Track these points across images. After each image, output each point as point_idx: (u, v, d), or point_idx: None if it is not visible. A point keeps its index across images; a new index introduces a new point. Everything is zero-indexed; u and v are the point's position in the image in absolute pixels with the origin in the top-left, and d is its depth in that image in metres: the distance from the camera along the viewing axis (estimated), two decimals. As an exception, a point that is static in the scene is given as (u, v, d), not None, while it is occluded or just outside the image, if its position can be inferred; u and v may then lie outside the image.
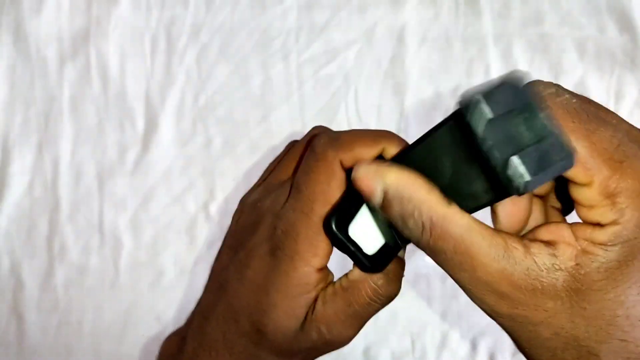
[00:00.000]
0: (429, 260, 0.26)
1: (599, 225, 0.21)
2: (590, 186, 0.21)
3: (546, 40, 0.55)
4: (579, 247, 0.21)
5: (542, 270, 0.21)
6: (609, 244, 0.21)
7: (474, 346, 0.54)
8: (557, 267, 0.21)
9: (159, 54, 0.58)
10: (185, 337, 0.36)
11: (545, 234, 0.22)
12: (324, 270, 0.29)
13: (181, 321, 0.55)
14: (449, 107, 0.56)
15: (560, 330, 0.21)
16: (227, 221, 0.57)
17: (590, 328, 0.21)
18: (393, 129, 0.56)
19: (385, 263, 0.28)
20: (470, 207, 0.23)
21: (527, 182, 0.19)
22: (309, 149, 0.29)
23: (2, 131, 0.58)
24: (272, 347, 0.29)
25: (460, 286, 0.23)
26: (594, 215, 0.22)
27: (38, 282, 0.56)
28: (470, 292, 0.23)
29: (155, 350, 0.44)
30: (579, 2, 0.55)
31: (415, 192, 0.22)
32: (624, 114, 0.55)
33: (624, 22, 0.54)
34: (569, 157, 0.20)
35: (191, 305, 0.57)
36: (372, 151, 0.28)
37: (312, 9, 0.57)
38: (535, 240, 0.22)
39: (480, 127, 0.19)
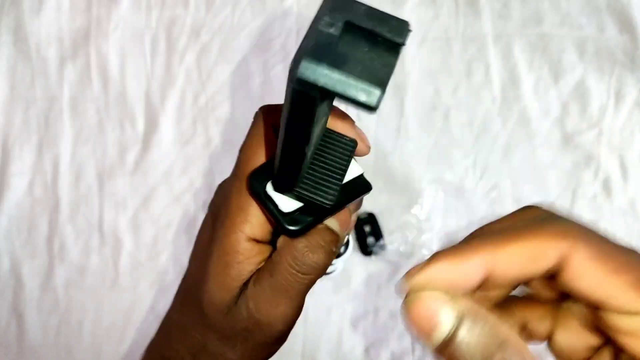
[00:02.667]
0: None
1: None
2: None
3: (546, 40, 0.55)
4: None
5: None
6: None
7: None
8: None
9: (159, 54, 0.58)
10: None
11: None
12: (261, 244, 0.27)
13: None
14: (449, 107, 0.56)
15: None
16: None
17: None
18: (393, 129, 0.56)
19: (306, 227, 0.26)
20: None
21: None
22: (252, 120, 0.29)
23: (2, 131, 0.58)
24: (212, 327, 0.28)
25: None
26: None
27: (38, 282, 0.56)
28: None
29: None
30: (579, 2, 0.55)
31: (498, 324, 0.19)
32: (624, 114, 0.55)
33: (624, 22, 0.54)
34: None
35: (191, 305, 0.57)
36: None
37: (312, 9, 0.57)
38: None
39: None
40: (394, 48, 0.18)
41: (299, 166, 0.23)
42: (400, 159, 0.56)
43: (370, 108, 0.18)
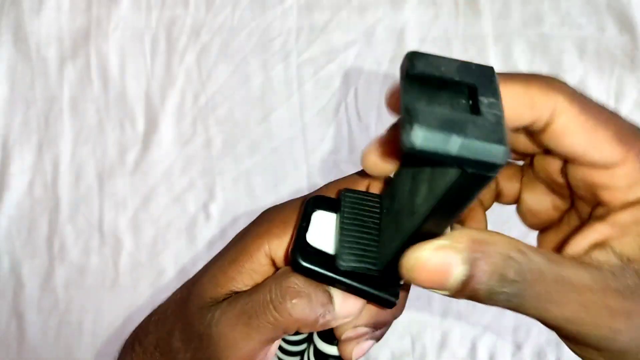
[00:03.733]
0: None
1: None
2: (626, 163, 0.20)
3: (546, 40, 0.55)
4: (635, 232, 0.20)
5: (618, 271, 0.20)
6: None
7: (474, 346, 0.54)
8: (625, 260, 0.20)
9: (159, 54, 0.58)
10: None
11: (585, 241, 0.21)
12: (272, 268, 0.26)
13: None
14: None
15: None
16: (227, 221, 0.57)
17: None
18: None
19: (316, 273, 0.23)
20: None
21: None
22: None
23: (2, 131, 0.58)
24: (184, 317, 0.26)
25: (572, 323, 0.20)
26: (635, 193, 0.20)
27: (38, 282, 0.56)
28: (584, 323, 0.20)
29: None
30: (579, 2, 0.55)
31: (497, 242, 0.19)
32: (624, 113, 0.55)
33: (624, 22, 0.54)
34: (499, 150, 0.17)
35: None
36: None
37: (312, 9, 0.57)
38: (586, 250, 0.21)
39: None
40: (496, 113, 0.17)
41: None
42: (400, 159, 0.56)
43: (497, 167, 0.17)
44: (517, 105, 0.20)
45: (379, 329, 0.26)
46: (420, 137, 0.16)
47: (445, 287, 0.19)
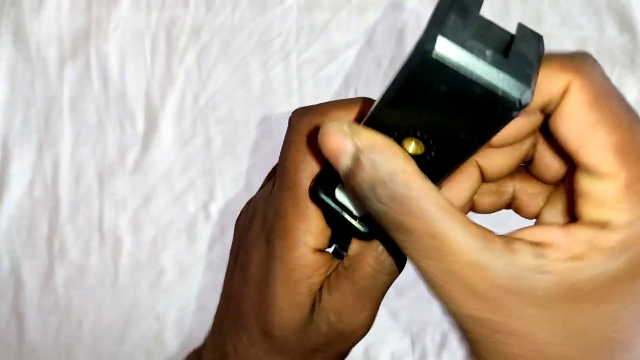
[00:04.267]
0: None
1: (605, 227, 0.18)
2: (614, 179, 0.18)
3: (546, 40, 0.55)
4: (575, 251, 0.18)
5: (523, 271, 0.18)
6: (616, 250, 0.17)
7: (474, 346, 0.54)
8: (543, 269, 0.18)
9: (159, 54, 0.58)
10: (200, 355, 0.34)
11: (531, 234, 0.19)
12: (324, 253, 0.26)
13: (181, 321, 0.55)
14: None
15: (535, 347, 0.18)
16: (227, 221, 0.57)
17: (572, 347, 0.18)
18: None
19: (380, 228, 0.24)
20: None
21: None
22: (287, 126, 0.27)
23: (2, 131, 0.58)
24: (283, 350, 0.27)
25: (424, 276, 0.19)
26: (604, 214, 0.18)
27: (38, 282, 0.56)
28: (435, 285, 0.19)
29: (155, 350, 0.44)
30: (579, 2, 0.55)
31: (391, 158, 0.19)
32: (623, 114, 0.55)
33: (624, 22, 0.54)
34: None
35: (191, 305, 0.57)
36: (349, 114, 0.24)
37: (312, 9, 0.57)
38: (519, 238, 0.19)
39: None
40: (530, 61, 0.17)
41: None
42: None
43: (516, 106, 0.16)
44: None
45: None
46: (444, 46, 0.14)
47: (338, 168, 0.20)
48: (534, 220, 0.24)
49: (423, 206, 0.18)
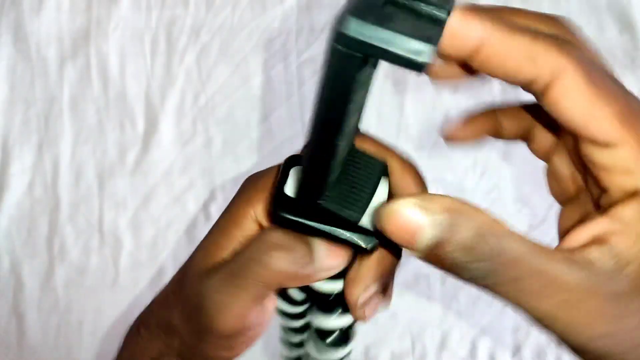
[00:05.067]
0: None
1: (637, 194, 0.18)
2: (626, 145, 0.19)
3: (546, 40, 0.55)
4: (634, 230, 0.18)
5: (615, 271, 0.18)
6: None
7: (474, 346, 0.54)
8: (623, 262, 0.18)
9: (159, 54, 0.58)
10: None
11: (585, 235, 0.19)
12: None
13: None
14: (449, 107, 0.56)
15: None
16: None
17: None
18: (393, 129, 0.56)
19: (293, 222, 0.24)
20: None
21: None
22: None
23: (2, 131, 0.58)
24: (182, 293, 0.27)
25: (540, 316, 0.19)
26: (631, 181, 0.19)
27: (38, 282, 0.56)
28: (556, 321, 0.19)
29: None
30: (579, 2, 0.55)
31: (473, 215, 0.19)
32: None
33: (624, 22, 0.54)
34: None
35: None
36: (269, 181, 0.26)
37: (312, 9, 0.57)
38: (583, 246, 0.19)
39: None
40: (439, 18, 0.18)
41: (333, 152, 0.21)
42: (400, 159, 0.56)
43: (420, 65, 0.17)
44: (518, 57, 0.19)
45: (385, 281, 0.26)
46: (351, 26, 0.16)
47: (414, 247, 0.19)
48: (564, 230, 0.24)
49: (519, 250, 0.18)
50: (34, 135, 0.57)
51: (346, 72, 0.18)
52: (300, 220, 0.23)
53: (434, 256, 0.19)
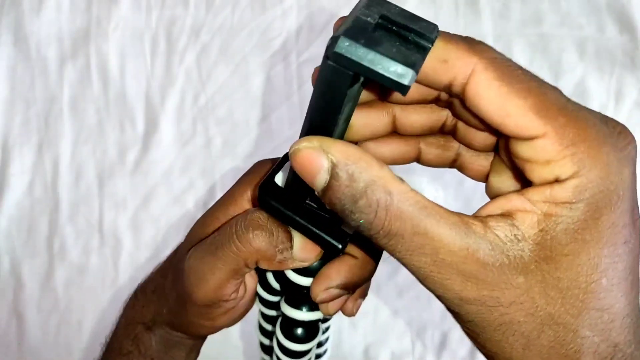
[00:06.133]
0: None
1: (557, 182, 0.19)
2: (545, 137, 0.19)
3: (546, 40, 0.55)
4: (539, 211, 0.19)
5: (506, 243, 0.19)
6: (573, 200, 0.19)
7: (474, 346, 0.54)
8: (519, 237, 0.19)
9: (159, 54, 0.58)
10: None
11: (496, 208, 0.20)
12: None
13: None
14: (449, 107, 0.56)
15: (535, 310, 0.20)
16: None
17: (566, 300, 0.20)
18: (393, 129, 0.56)
19: (274, 209, 0.25)
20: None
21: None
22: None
23: (2, 131, 0.58)
24: (175, 263, 0.29)
25: (419, 273, 0.20)
26: (551, 171, 0.19)
27: (38, 282, 0.56)
28: (431, 279, 0.20)
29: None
30: (579, 2, 0.55)
31: (367, 168, 0.19)
32: (624, 113, 0.55)
33: (624, 22, 0.54)
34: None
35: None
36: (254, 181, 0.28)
37: (312, 9, 0.57)
38: (489, 215, 0.20)
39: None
40: (423, 46, 0.19)
41: None
42: (400, 159, 0.56)
43: (402, 87, 0.18)
44: (433, 61, 0.20)
45: (351, 290, 0.27)
46: (343, 46, 0.18)
47: (314, 186, 0.20)
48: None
49: (406, 208, 0.19)
50: (34, 135, 0.57)
51: (337, 86, 0.20)
52: (282, 209, 0.25)
53: (328, 199, 0.20)
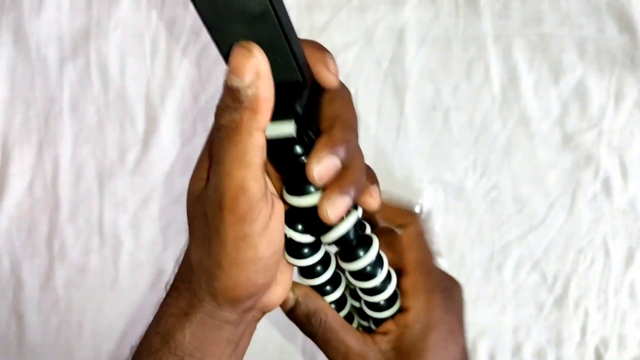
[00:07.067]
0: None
1: (408, 310, 0.34)
2: (409, 278, 0.34)
3: (546, 40, 0.55)
4: (399, 331, 0.34)
5: (384, 350, 0.33)
6: (414, 323, 0.33)
7: (474, 346, 0.54)
8: (389, 348, 0.34)
9: (159, 54, 0.58)
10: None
11: (382, 329, 0.35)
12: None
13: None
14: (449, 107, 0.56)
15: None
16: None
17: None
18: (393, 129, 0.56)
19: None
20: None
21: None
22: None
23: (2, 131, 0.58)
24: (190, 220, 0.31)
25: None
26: (407, 302, 0.34)
27: (38, 282, 0.56)
28: None
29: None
30: (579, 2, 0.55)
31: (316, 300, 0.34)
32: (624, 114, 0.55)
33: (624, 22, 0.54)
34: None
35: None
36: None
37: (312, 9, 0.57)
38: (377, 332, 0.34)
39: None
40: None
41: None
42: (400, 159, 0.56)
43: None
44: (394, 214, 0.37)
45: (344, 160, 0.28)
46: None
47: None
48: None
49: (334, 326, 0.34)
50: (34, 135, 0.57)
51: None
52: None
53: (290, 314, 0.34)
